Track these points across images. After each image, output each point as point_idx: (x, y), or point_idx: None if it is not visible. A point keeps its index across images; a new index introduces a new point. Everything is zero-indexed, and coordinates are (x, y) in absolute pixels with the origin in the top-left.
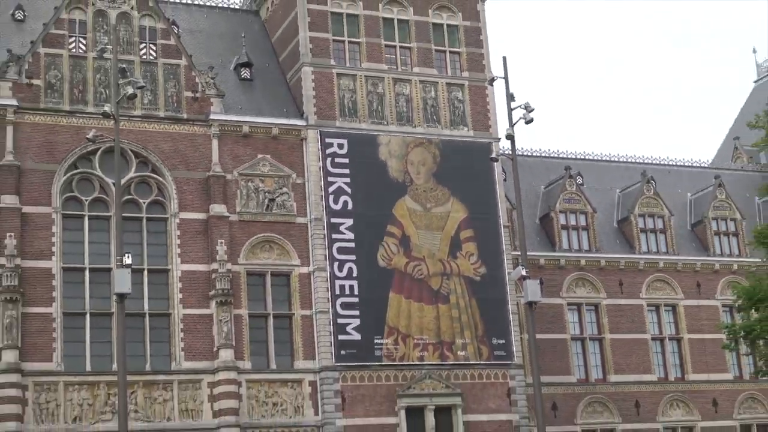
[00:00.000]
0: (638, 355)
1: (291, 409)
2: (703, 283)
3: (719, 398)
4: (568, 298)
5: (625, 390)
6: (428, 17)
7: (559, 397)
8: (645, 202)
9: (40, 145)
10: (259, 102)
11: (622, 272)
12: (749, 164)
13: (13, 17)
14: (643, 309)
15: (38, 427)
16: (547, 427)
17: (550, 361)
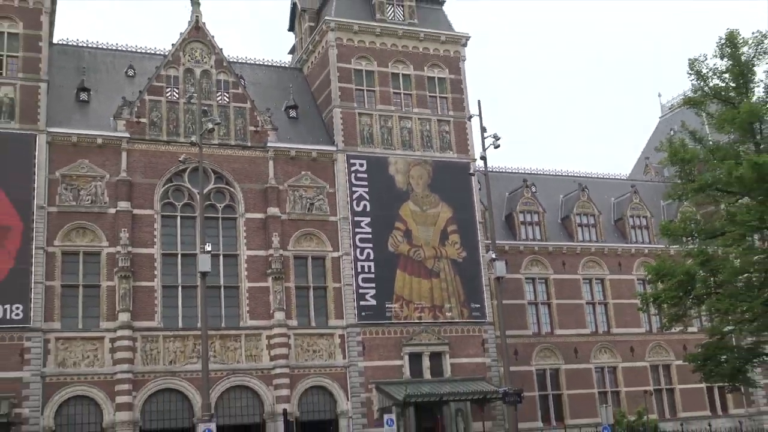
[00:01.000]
0: (576, 315)
1: (326, 354)
2: (623, 263)
3: (635, 346)
4: (526, 274)
5: (567, 340)
6: (424, 72)
7: (519, 345)
8: (581, 205)
9: (145, 165)
10: (302, 133)
11: (564, 255)
12: (656, 177)
13: (126, 74)
14: (580, 282)
15: (144, 367)
16: (510, 367)
17: (513, 320)
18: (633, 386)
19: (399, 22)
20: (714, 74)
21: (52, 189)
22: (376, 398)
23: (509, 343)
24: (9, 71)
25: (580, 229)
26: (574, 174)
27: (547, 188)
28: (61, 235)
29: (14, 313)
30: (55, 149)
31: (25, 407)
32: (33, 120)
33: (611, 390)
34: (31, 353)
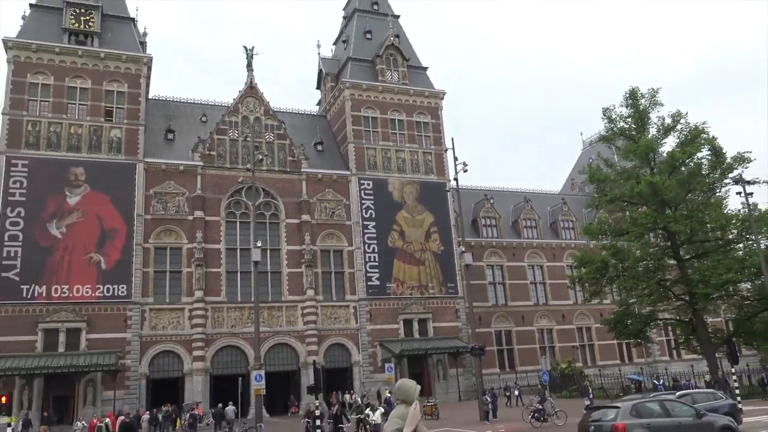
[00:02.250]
0: (523, 292)
1: (343, 320)
2: (556, 254)
3: (566, 314)
4: (486, 262)
5: (517, 310)
6: (413, 118)
7: (482, 313)
8: (526, 212)
9: (214, 185)
10: (326, 162)
11: (514, 249)
12: (580, 192)
13: (200, 120)
14: (525, 268)
15: (213, 330)
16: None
17: (477, 295)
18: (564, 343)
19: (395, 83)
20: (620, 119)
21: (147, 202)
22: (380, 352)
23: (475, 312)
24: (117, 118)
25: (526, 230)
26: (520, 190)
27: (502, 200)
28: (153, 235)
29: (120, 291)
30: (150, 174)
31: (127, 359)
32: (134, 153)
33: (548, 346)
34: (132, 320)
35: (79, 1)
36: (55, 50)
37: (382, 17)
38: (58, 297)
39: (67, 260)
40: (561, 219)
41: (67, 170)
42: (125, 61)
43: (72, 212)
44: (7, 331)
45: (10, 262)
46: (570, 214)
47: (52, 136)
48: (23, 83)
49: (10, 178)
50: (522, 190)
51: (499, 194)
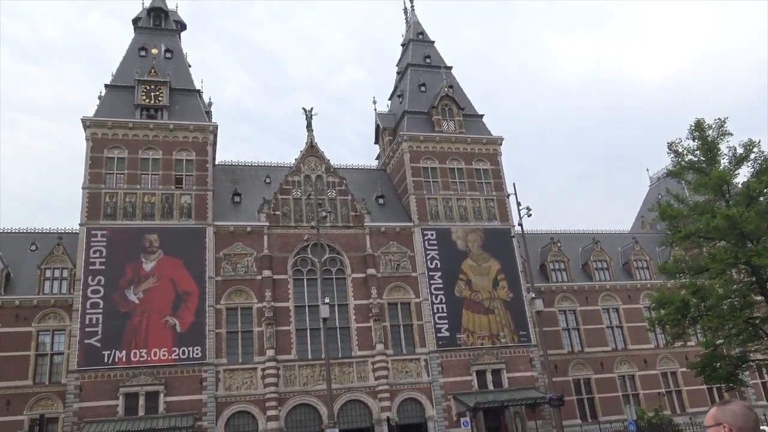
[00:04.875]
0: (600, 337)
1: (414, 374)
2: (631, 296)
3: (647, 358)
4: (558, 308)
5: (594, 356)
6: (472, 166)
7: (558, 361)
8: (596, 254)
9: (280, 244)
10: (389, 215)
11: (586, 292)
12: (651, 230)
13: (265, 182)
14: (600, 311)
15: (285, 388)
16: (552, 378)
17: (551, 342)
18: (649, 389)
19: (452, 132)
20: (688, 152)
21: (217, 264)
22: (454, 405)
23: (550, 360)
24: (187, 185)
25: (597, 272)
26: (588, 231)
27: (569, 243)
28: (224, 296)
29: (195, 353)
30: (219, 236)
31: (204, 421)
32: (204, 217)
33: (632, 393)
34: (207, 381)
35: (149, 79)
36: (128, 125)
37: (435, 70)
38: (137, 361)
39: (144, 324)
40: (634, 259)
41: (143, 237)
42: (192, 131)
43: (148, 278)
44: (90, 396)
45: (93, 329)
46: (643, 253)
47: (127, 206)
48: (101, 158)
49: (91, 248)
50: (589, 231)
51: (566, 237)
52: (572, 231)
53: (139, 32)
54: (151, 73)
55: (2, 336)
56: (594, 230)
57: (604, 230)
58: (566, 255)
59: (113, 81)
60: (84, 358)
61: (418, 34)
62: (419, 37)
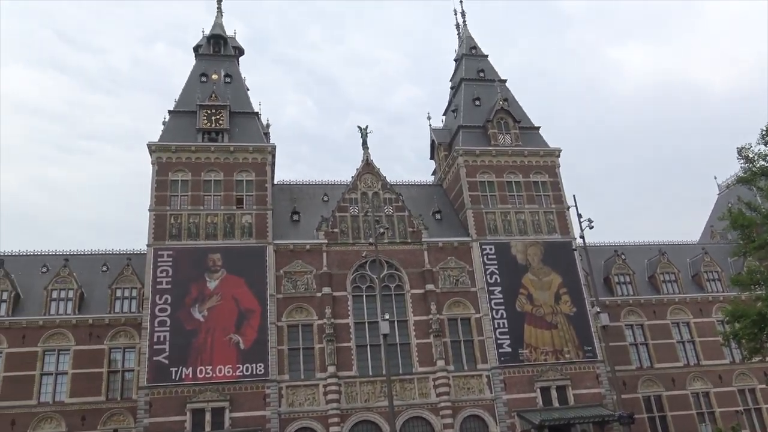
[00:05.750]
0: (670, 352)
1: (477, 390)
2: (703, 309)
3: (722, 374)
4: (625, 322)
5: (665, 372)
6: (530, 178)
7: (626, 378)
8: (663, 266)
9: (339, 261)
10: (446, 230)
11: (654, 306)
12: (721, 240)
13: (322, 200)
14: (669, 325)
15: (347, 405)
16: (621, 395)
17: (618, 358)
18: (725, 407)
19: (508, 145)
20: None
21: (278, 282)
22: (518, 423)
23: (618, 376)
24: (247, 205)
25: (665, 285)
26: (654, 243)
27: (634, 255)
28: (285, 313)
29: (258, 369)
30: (279, 254)
31: None
32: (264, 236)
33: (707, 411)
34: (270, 397)
35: (210, 104)
36: (191, 149)
37: (489, 83)
38: (202, 378)
39: (209, 342)
40: (704, 270)
41: (206, 257)
42: (252, 152)
43: (212, 296)
44: (160, 412)
45: (161, 346)
46: (714, 264)
47: (191, 226)
48: (166, 181)
49: (158, 268)
50: (655, 242)
51: (631, 249)
52: (637, 243)
53: (200, 59)
54: (212, 97)
55: (78, 353)
56: (660, 241)
57: (670, 241)
58: (631, 267)
59: (176, 107)
60: (153, 375)
61: (471, 49)
62: (472, 52)
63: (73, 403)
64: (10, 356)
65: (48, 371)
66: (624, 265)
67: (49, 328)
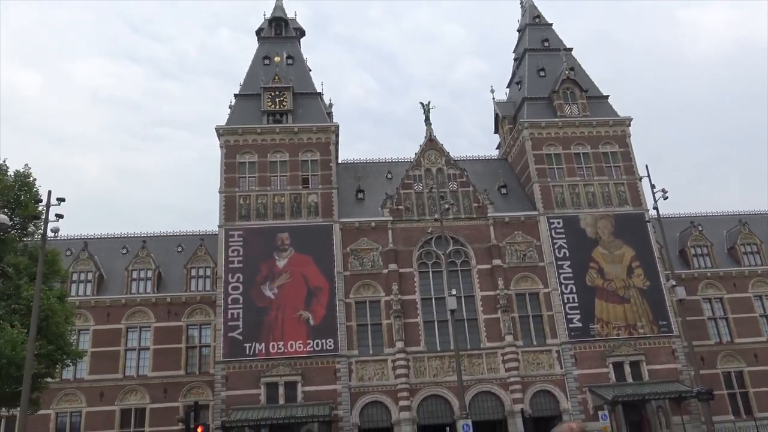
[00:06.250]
0: (752, 326)
1: (546, 366)
2: None
3: None
4: (702, 296)
5: (746, 348)
6: (599, 149)
7: (704, 353)
8: (744, 237)
9: (404, 238)
10: (512, 204)
11: (734, 278)
12: None
13: (386, 177)
14: (751, 299)
15: (416, 380)
16: (700, 372)
17: (696, 332)
18: None
19: (575, 116)
20: None
21: (345, 259)
22: (590, 398)
23: (696, 351)
24: (313, 185)
25: (746, 257)
26: (733, 213)
27: (711, 226)
28: (353, 290)
29: (328, 345)
30: (345, 232)
31: (340, 410)
32: (330, 215)
33: None
34: (340, 372)
35: (273, 86)
36: (257, 131)
37: (554, 53)
38: (275, 353)
39: (280, 318)
40: None
41: (275, 236)
42: (315, 132)
43: (281, 274)
44: (236, 385)
45: (235, 323)
46: None
47: (259, 207)
48: (234, 163)
49: (229, 248)
50: (734, 212)
51: (708, 220)
52: (714, 213)
53: (263, 42)
54: (275, 79)
55: (158, 330)
56: (740, 211)
57: (751, 211)
58: (709, 239)
59: (241, 90)
60: (228, 350)
61: (535, 18)
62: (536, 21)
63: (155, 377)
64: (96, 333)
65: (131, 347)
66: (701, 236)
67: (130, 306)
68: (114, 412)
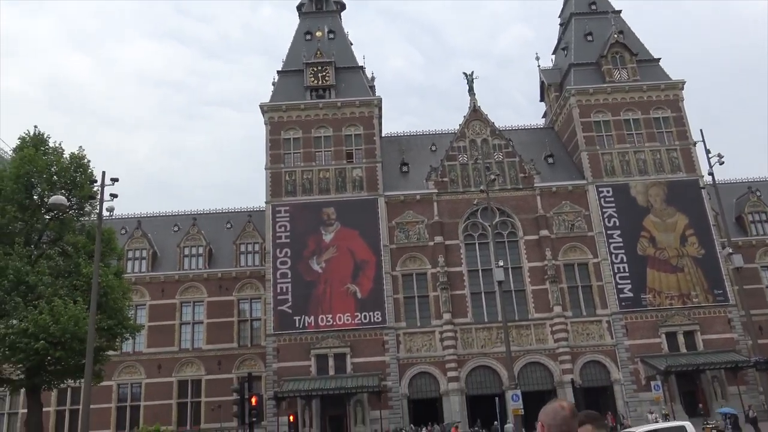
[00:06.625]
0: None
1: (597, 336)
2: None
3: None
4: (760, 263)
5: None
6: (650, 115)
7: (763, 322)
8: None
9: (450, 210)
10: (559, 174)
11: None
12: None
13: (430, 149)
14: None
15: (464, 351)
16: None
17: (754, 301)
18: None
19: (625, 81)
20: None
21: (391, 233)
22: (642, 368)
23: (753, 321)
24: (357, 159)
25: None
26: None
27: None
28: (399, 263)
29: (375, 317)
30: (390, 206)
31: (388, 380)
32: (375, 188)
33: None
34: (388, 344)
35: (315, 61)
36: (300, 107)
37: (602, 16)
38: (324, 325)
39: (328, 292)
40: None
41: (321, 211)
42: (358, 106)
43: (328, 248)
44: (287, 357)
45: (284, 296)
46: None
47: (305, 182)
48: (278, 140)
49: (276, 224)
50: None
51: (765, 184)
52: None
53: (303, 18)
54: (317, 55)
55: (210, 304)
56: None
57: None
58: (767, 204)
59: (284, 66)
60: (278, 323)
61: None
62: None
63: (210, 349)
64: (152, 308)
65: (186, 321)
66: (759, 202)
67: (183, 282)
68: (171, 383)
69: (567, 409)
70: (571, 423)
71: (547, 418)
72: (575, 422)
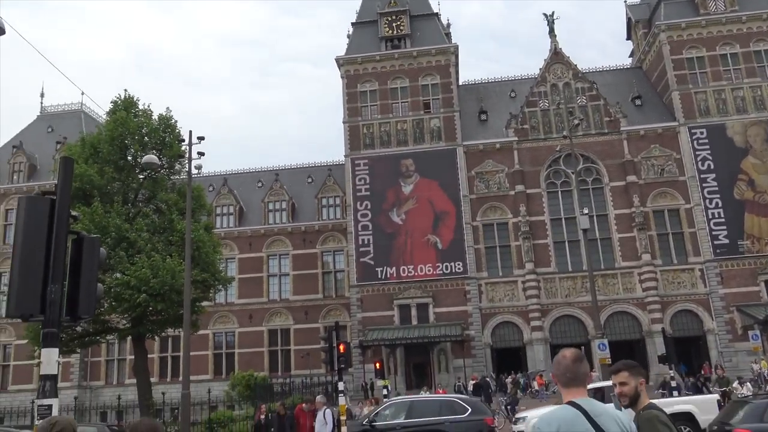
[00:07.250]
0: None
1: (689, 285)
2: None
3: None
4: None
5: None
6: (750, 48)
7: None
8: None
9: (531, 158)
10: (648, 116)
11: None
12: None
13: (510, 96)
14: None
15: (547, 300)
16: None
17: None
18: None
19: (721, 12)
20: None
21: (470, 183)
22: (738, 318)
23: None
24: (434, 109)
25: None
26: None
27: None
28: (480, 213)
29: (457, 267)
30: (469, 156)
31: (471, 330)
32: (453, 138)
33: None
34: (470, 294)
35: (390, 10)
36: (375, 58)
37: None
38: (406, 276)
39: (409, 243)
40: None
41: (399, 163)
42: (434, 55)
43: (408, 200)
44: (371, 307)
45: (365, 248)
46: None
47: (383, 134)
48: (355, 93)
49: (356, 177)
50: None
51: None
52: None
53: None
54: (391, 3)
55: (295, 257)
56: None
57: None
58: None
59: (358, 18)
60: (361, 274)
61: None
62: None
63: (296, 300)
64: (241, 261)
65: (273, 273)
66: None
67: (269, 236)
68: (262, 332)
69: (569, 357)
70: (573, 369)
71: (554, 369)
72: (579, 367)
